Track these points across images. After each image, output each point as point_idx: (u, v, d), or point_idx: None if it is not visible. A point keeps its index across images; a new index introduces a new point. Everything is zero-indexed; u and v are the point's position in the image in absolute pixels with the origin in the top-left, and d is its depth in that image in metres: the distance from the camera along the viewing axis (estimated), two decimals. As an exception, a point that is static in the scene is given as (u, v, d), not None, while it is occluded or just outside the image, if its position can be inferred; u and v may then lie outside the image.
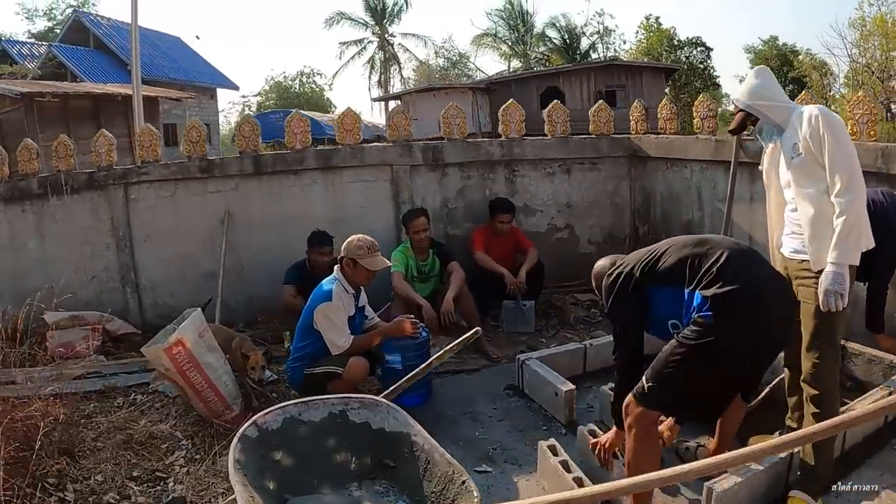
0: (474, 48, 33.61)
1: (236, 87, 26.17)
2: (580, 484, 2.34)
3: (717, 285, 2.09)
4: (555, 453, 2.56)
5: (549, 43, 32.17)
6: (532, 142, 5.45)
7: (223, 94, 30.19)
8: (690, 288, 2.19)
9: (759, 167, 3.07)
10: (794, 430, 2.71)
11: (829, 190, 2.33)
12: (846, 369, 3.38)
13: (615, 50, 31.86)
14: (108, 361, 4.07)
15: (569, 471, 2.44)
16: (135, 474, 2.75)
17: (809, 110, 2.39)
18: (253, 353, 3.49)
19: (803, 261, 2.46)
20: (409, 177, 5.16)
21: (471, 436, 3.18)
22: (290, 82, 36.40)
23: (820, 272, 2.34)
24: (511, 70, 31.04)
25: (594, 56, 30.61)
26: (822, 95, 21.64)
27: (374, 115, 33.73)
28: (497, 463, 2.90)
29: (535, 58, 31.68)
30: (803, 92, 5.06)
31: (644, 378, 2.21)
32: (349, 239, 3.33)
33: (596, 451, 2.56)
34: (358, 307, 3.42)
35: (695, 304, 2.16)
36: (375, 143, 5.20)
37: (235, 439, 2.05)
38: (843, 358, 3.37)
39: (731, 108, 4.08)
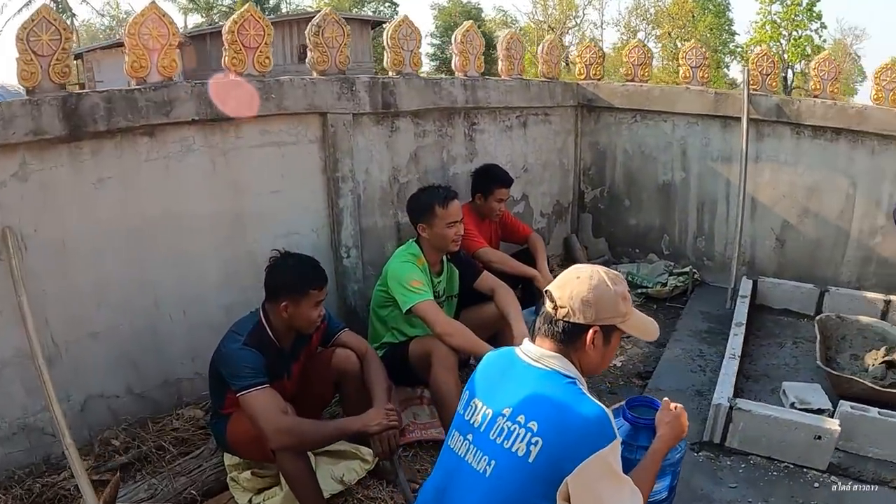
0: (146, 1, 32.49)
1: None
2: None
3: None
4: None
5: (236, -6, 32.64)
6: (496, 83, 4.27)
7: None
8: None
9: None
10: None
11: None
12: None
13: (297, 5, 33.36)
14: None
15: None
16: None
17: None
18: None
19: None
20: (350, 134, 3.56)
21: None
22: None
23: None
24: (187, 26, 30.03)
25: (284, 9, 31.42)
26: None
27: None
28: None
29: (218, 11, 31.19)
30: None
31: None
32: (590, 280, 1.71)
33: None
34: None
35: None
36: (298, 77, 3.35)
37: None
38: None
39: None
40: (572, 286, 1.71)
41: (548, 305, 1.74)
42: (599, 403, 1.61)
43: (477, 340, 2.84)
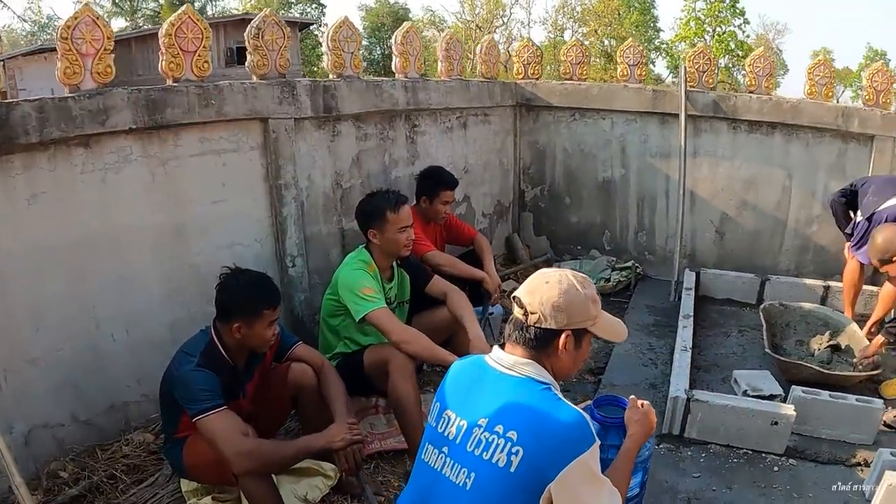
0: (71, 5, 32.79)
1: None
2: None
3: None
4: None
5: (159, -1, 34.17)
6: (436, 85, 4.41)
7: None
8: None
9: None
10: None
11: None
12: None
13: (223, 8, 34.42)
14: None
15: None
16: None
17: None
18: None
19: None
20: (292, 139, 3.60)
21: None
22: None
23: None
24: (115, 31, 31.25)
25: (210, 12, 32.33)
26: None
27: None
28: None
29: (143, 15, 31.79)
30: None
31: None
32: (559, 284, 1.76)
33: None
34: None
35: None
36: (238, 81, 3.35)
37: None
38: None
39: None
40: (542, 292, 1.75)
41: (517, 312, 1.78)
42: (576, 408, 1.67)
43: (434, 347, 2.93)
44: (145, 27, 28.28)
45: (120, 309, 2.96)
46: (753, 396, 3.26)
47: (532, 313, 1.74)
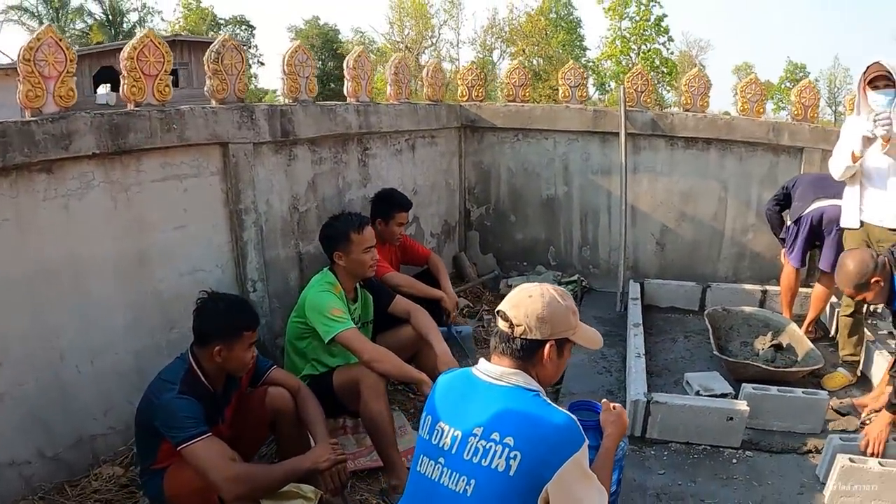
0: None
1: None
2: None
3: None
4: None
5: (88, 18, 35.08)
6: (387, 108, 4.61)
7: None
8: None
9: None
10: None
11: None
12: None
13: (152, 29, 35.39)
14: None
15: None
16: None
17: None
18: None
19: None
20: (251, 164, 3.69)
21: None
22: None
23: None
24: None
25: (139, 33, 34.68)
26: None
27: None
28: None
29: (71, 35, 32.17)
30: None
31: None
32: (542, 297, 1.93)
33: (870, 450, 2.92)
34: None
35: None
36: (199, 105, 3.41)
37: None
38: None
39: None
40: (526, 305, 1.92)
41: (502, 325, 1.95)
42: (565, 410, 1.85)
43: (404, 365, 3.09)
44: (73, 48, 28.61)
45: (84, 339, 2.97)
46: (706, 396, 3.56)
47: (518, 325, 1.91)
